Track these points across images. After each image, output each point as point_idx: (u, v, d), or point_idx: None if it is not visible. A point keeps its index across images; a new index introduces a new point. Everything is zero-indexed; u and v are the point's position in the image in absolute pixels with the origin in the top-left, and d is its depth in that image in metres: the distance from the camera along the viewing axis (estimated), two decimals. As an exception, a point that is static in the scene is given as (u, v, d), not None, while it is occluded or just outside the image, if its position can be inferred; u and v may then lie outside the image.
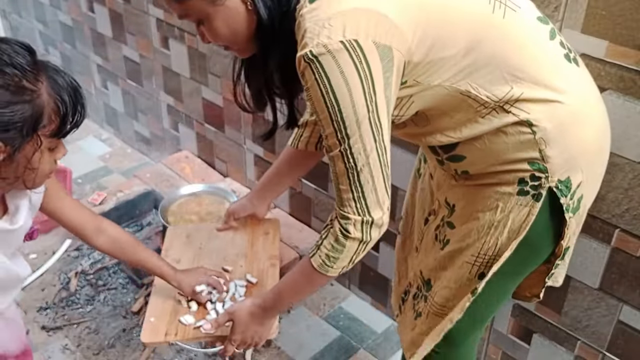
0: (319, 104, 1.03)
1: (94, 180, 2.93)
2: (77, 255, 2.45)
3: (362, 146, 1.04)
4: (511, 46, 1.08)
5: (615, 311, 1.56)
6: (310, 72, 1.00)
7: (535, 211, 1.14)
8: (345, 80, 0.99)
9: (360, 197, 1.09)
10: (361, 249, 1.16)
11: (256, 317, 1.35)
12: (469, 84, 1.07)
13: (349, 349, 2.09)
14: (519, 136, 1.09)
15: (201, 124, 2.60)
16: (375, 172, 1.07)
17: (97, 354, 2.05)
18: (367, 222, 1.11)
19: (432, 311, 1.30)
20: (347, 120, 1.02)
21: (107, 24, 2.83)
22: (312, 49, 0.98)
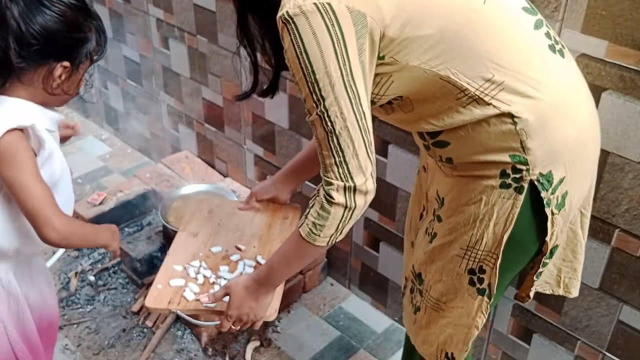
0: (294, 65, 1.06)
1: (94, 180, 2.93)
2: (77, 255, 2.45)
3: (338, 109, 1.06)
4: (491, 32, 1.08)
5: (615, 311, 1.56)
6: (286, 32, 1.04)
7: (518, 204, 1.14)
8: (317, 42, 1.02)
9: (342, 162, 1.09)
10: (347, 216, 1.14)
11: (251, 292, 1.33)
12: (449, 69, 1.08)
13: (349, 349, 2.09)
14: (500, 126, 1.10)
15: (201, 124, 2.60)
16: (355, 136, 1.08)
17: (97, 354, 2.05)
18: (349, 187, 1.11)
19: (429, 305, 1.31)
20: (320, 82, 1.04)
21: (107, 24, 2.83)
22: (288, 10, 1.02)
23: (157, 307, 1.47)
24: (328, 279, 2.36)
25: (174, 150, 2.84)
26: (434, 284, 1.28)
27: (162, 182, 2.58)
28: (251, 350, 2.04)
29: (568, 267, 1.35)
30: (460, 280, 1.24)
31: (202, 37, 2.35)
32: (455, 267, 1.23)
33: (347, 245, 2.23)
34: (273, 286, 1.35)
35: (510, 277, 1.29)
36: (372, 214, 2.06)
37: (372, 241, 2.13)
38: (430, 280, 1.29)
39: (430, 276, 1.29)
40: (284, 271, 1.31)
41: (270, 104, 2.21)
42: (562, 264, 1.35)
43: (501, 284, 1.26)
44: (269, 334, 2.12)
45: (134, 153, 3.13)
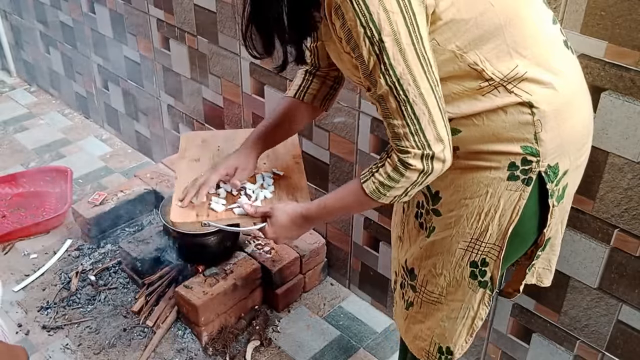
0: (358, 37, 1.01)
1: (94, 180, 2.94)
2: (77, 255, 2.45)
3: (411, 77, 1.03)
4: (519, 21, 1.09)
5: (614, 311, 1.57)
6: (348, 3, 0.99)
7: (525, 195, 1.14)
8: (385, 8, 0.98)
9: (417, 130, 1.06)
10: (420, 181, 1.12)
11: (295, 223, 1.33)
12: (478, 55, 1.07)
13: (349, 348, 2.09)
14: (518, 116, 1.10)
15: (201, 124, 2.60)
16: (431, 103, 1.05)
17: (98, 353, 2.05)
18: (427, 155, 1.08)
19: (426, 300, 1.31)
20: (390, 51, 1.01)
21: (108, 25, 2.83)
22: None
23: (185, 221, 1.42)
24: (328, 279, 2.37)
25: (174, 150, 2.84)
26: (431, 278, 1.28)
27: (162, 182, 2.58)
28: (251, 349, 2.04)
29: (544, 259, 1.36)
30: (461, 273, 1.24)
31: (203, 38, 2.35)
32: (458, 260, 1.23)
33: (347, 245, 2.23)
34: (319, 223, 1.36)
35: (505, 269, 1.30)
36: (372, 214, 2.07)
37: (372, 241, 2.14)
38: (426, 275, 1.29)
39: (426, 271, 1.29)
40: (339, 214, 1.30)
41: (270, 103, 2.22)
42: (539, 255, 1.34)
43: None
44: (269, 333, 2.12)
45: (135, 153, 3.13)
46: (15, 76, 3.88)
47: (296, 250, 2.22)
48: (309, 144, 2.14)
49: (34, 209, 2.70)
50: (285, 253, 2.20)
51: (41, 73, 3.63)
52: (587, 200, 1.48)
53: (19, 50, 3.74)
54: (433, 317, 1.31)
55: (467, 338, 1.31)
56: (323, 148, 2.11)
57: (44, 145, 3.19)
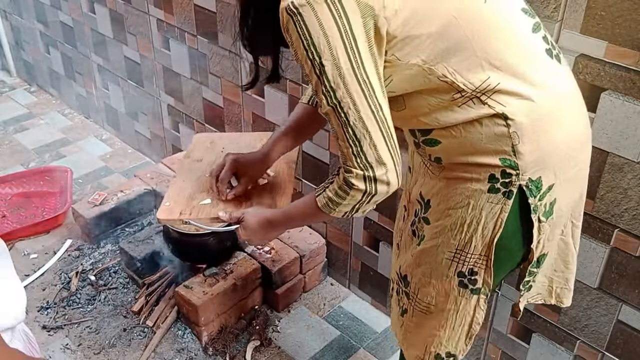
0: (302, 57, 1.04)
1: (94, 180, 2.94)
2: (77, 255, 2.45)
3: (350, 101, 1.04)
4: (489, 32, 1.07)
5: (614, 311, 1.57)
6: (291, 24, 1.01)
7: (507, 208, 1.13)
8: (325, 33, 1.00)
9: (359, 152, 1.08)
10: (365, 200, 1.13)
11: (262, 228, 1.40)
12: (446, 68, 1.06)
13: (349, 348, 2.09)
14: (493, 128, 1.09)
15: (202, 124, 2.61)
16: (372, 128, 1.06)
17: (98, 353, 2.05)
18: (369, 177, 1.10)
19: (418, 309, 1.31)
20: (329, 74, 1.03)
21: (108, 25, 2.83)
22: (293, 1, 1.00)
23: (168, 219, 1.53)
24: (328, 279, 2.37)
25: (175, 150, 2.84)
26: (421, 286, 1.28)
27: (162, 182, 2.58)
28: (251, 349, 2.04)
29: (560, 278, 1.35)
30: (449, 282, 1.23)
31: (203, 38, 2.35)
32: (445, 270, 1.23)
33: (347, 245, 2.23)
34: (283, 230, 1.43)
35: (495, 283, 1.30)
36: (372, 214, 2.07)
37: (372, 241, 2.14)
38: (417, 283, 1.29)
39: (417, 279, 1.28)
40: (299, 222, 1.41)
41: (270, 104, 2.22)
42: (554, 274, 1.34)
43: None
44: (269, 333, 2.12)
45: (135, 153, 3.13)
46: (15, 76, 3.88)
47: (296, 250, 2.22)
48: (309, 144, 2.14)
49: (34, 209, 2.70)
50: (285, 253, 2.20)
51: (41, 73, 3.64)
52: (587, 200, 1.48)
53: (19, 50, 3.74)
54: (425, 326, 1.31)
55: (467, 341, 1.31)
56: (323, 148, 2.11)
57: (44, 145, 3.19)
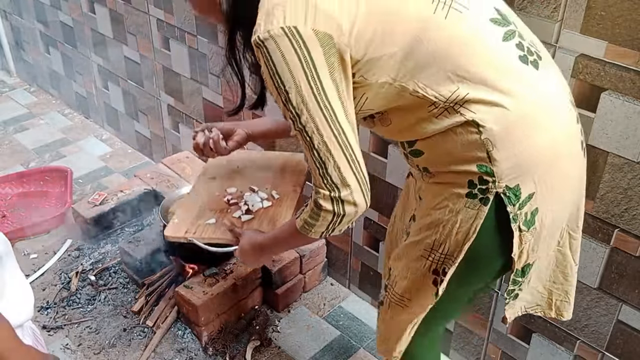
0: (270, 85, 1.12)
1: (94, 180, 2.94)
2: (77, 255, 2.45)
3: (314, 126, 1.10)
4: (454, 46, 1.09)
5: (614, 311, 1.57)
6: (260, 55, 1.09)
7: (482, 215, 1.13)
8: (287, 64, 1.07)
9: (324, 173, 1.13)
10: (336, 221, 1.18)
11: (256, 251, 1.46)
12: (416, 84, 1.10)
13: (349, 348, 2.09)
14: (467, 135, 1.11)
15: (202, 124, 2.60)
16: (335, 151, 1.11)
17: (98, 353, 2.05)
18: (335, 197, 1.14)
19: (393, 300, 1.32)
20: (294, 101, 1.10)
21: (108, 25, 2.83)
22: (259, 35, 1.07)
23: (174, 236, 1.64)
24: (328, 279, 2.37)
25: (175, 150, 2.84)
26: (399, 280, 1.30)
27: (162, 182, 2.58)
28: (251, 349, 2.04)
29: (559, 290, 1.35)
30: (424, 279, 1.25)
31: (203, 38, 2.35)
32: (420, 266, 1.24)
33: (347, 245, 2.23)
34: (275, 254, 1.52)
35: (470, 289, 1.32)
36: (372, 214, 2.07)
37: (372, 241, 2.14)
38: (396, 276, 1.31)
39: (397, 272, 1.30)
40: (284, 248, 1.47)
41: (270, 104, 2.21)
42: (553, 286, 1.34)
43: (460, 294, 1.28)
44: (269, 333, 2.12)
45: (135, 153, 3.13)
46: (15, 76, 3.88)
47: (296, 250, 2.22)
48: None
49: (34, 209, 2.70)
50: (285, 253, 2.20)
51: (41, 73, 3.64)
52: (587, 200, 1.47)
53: (19, 50, 3.74)
54: (399, 318, 1.32)
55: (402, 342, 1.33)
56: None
57: (44, 145, 3.19)
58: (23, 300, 1.33)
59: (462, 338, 1.97)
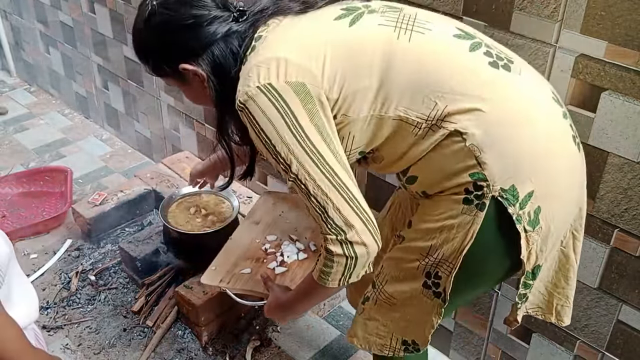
0: (258, 143, 1.18)
1: (94, 180, 2.94)
2: (77, 255, 2.45)
3: (305, 172, 1.14)
4: (424, 65, 1.14)
5: (614, 311, 1.57)
6: (244, 117, 1.16)
7: (479, 220, 1.14)
8: (268, 119, 1.13)
9: (327, 218, 1.15)
10: (351, 265, 1.18)
11: (279, 309, 1.48)
12: (397, 109, 1.14)
13: (349, 348, 2.09)
14: (452, 146, 1.13)
15: (202, 124, 2.61)
16: (331, 193, 1.14)
17: (98, 353, 2.06)
18: (342, 240, 1.16)
19: (381, 298, 1.32)
20: (281, 153, 1.14)
21: (108, 25, 2.83)
22: (239, 99, 1.15)
23: (209, 284, 1.71)
24: (328, 279, 2.37)
25: (175, 150, 2.85)
26: (390, 279, 1.30)
27: (162, 182, 2.58)
28: (251, 350, 2.04)
29: (560, 294, 1.35)
30: (416, 281, 1.25)
31: (203, 38, 2.35)
32: (413, 269, 1.25)
33: (347, 245, 2.23)
34: (297, 312, 1.50)
35: (473, 292, 1.33)
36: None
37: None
38: (386, 275, 1.31)
39: (388, 271, 1.31)
40: (305, 304, 1.42)
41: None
42: (555, 289, 1.34)
43: (461, 296, 1.27)
44: (269, 333, 2.12)
45: (135, 153, 3.13)
46: (15, 76, 3.88)
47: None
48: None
49: (34, 209, 2.70)
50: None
51: (41, 73, 3.64)
52: (587, 200, 1.48)
53: (19, 50, 3.74)
54: (388, 315, 1.32)
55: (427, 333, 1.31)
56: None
57: (44, 145, 3.19)
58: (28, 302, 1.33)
59: (462, 338, 1.97)
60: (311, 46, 1.16)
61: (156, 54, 1.28)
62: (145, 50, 1.30)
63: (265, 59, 1.15)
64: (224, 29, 1.22)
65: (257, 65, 1.15)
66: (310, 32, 1.19)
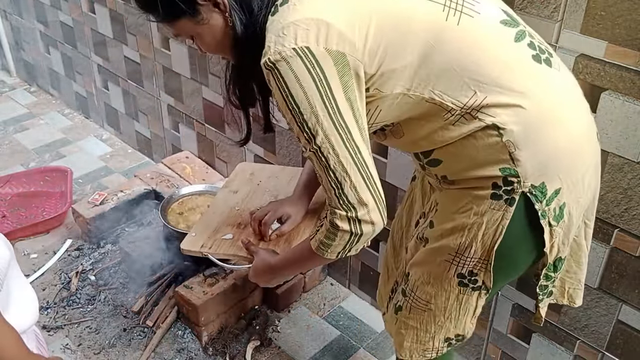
0: (283, 107, 1.10)
1: (94, 180, 2.94)
2: (77, 255, 2.45)
3: (329, 145, 1.09)
4: (469, 52, 1.09)
5: (614, 311, 1.57)
6: (271, 77, 1.07)
7: (508, 215, 1.13)
8: (301, 85, 1.05)
9: (341, 193, 1.13)
10: (354, 240, 1.18)
11: (267, 273, 1.46)
12: (432, 92, 1.10)
13: (349, 348, 2.09)
14: (487, 139, 1.11)
15: (201, 124, 2.61)
16: (351, 170, 1.11)
17: (98, 353, 2.06)
18: (352, 217, 1.14)
19: (416, 306, 1.31)
20: (309, 122, 1.08)
21: (108, 25, 2.83)
22: (269, 57, 1.05)
23: (190, 250, 1.65)
24: (328, 279, 2.37)
25: (175, 150, 2.85)
26: (420, 285, 1.29)
27: (162, 182, 2.58)
28: (251, 349, 2.04)
29: (572, 279, 1.35)
30: (449, 283, 1.24)
31: (203, 38, 2.35)
32: (444, 271, 1.23)
33: (347, 245, 2.23)
34: (287, 275, 1.49)
35: (507, 280, 1.31)
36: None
37: (372, 241, 2.12)
38: (416, 281, 1.29)
39: (417, 277, 1.29)
40: (296, 269, 1.42)
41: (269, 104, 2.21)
42: (567, 274, 1.34)
43: (497, 285, 1.26)
44: (269, 333, 2.12)
45: (135, 153, 3.13)
46: (15, 76, 3.88)
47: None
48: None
49: (34, 209, 2.70)
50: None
51: (41, 73, 3.64)
52: (587, 200, 1.48)
53: (19, 50, 3.74)
54: (427, 320, 1.31)
55: (472, 321, 1.31)
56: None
57: (44, 145, 3.19)
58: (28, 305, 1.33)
59: (462, 338, 1.97)
60: (356, 13, 1.07)
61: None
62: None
63: (304, 18, 1.05)
64: None
65: (294, 24, 1.04)
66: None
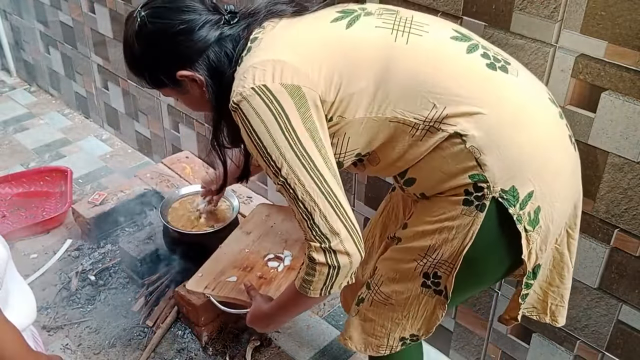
0: (249, 144, 1.16)
1: (94, 180, 2.94)
2: (77, 255, 2.45)
3: (295, 177, 1.13)
4: (422, 67, 1.13)
5: (614, 311, 1.57)
6: (237, 118, 1.15)
7: (479, 221, 1.14)
8: (262, 120, 1.12)
9: (312, 224, 1.14)
10: (333, 274, 1.18)
11: (261, 319, 1.47)
12: (394, 111, 1.14)
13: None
14: (452, 148, 1.13)
15: (201, 124, 2.61)
16: (319, 200, 1.13)
17: (98, 353, 2.06)
18: (326, 248, 1.15)
19: (377, 299, 1.32)
20: (272, 155, 1.13)
21: (108, 25, 2.83)
22: (233, 98, 1.14)
23: (194, 290, 1.74)
24: (328, 279, 2.37)
25: (175, 150, 2.85)
26: (386, 280, 1.30)
27: (162, 182, 2.58)
28: (251, 349, 2.04)
29: (555, 294, 1.35)
30: (413, 282, 1.25)
31: (203, 38, 2.35)
32: (410, 269, 1.25)
33: (347, 245, 2.23)
34: (280, 322, 1.50)
35: (474, 290, 1.34)
36: (371, 214, 2.06)
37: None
38: (382, 276, 1.31)
39: (384, 272, 1.31)
40: (288, 314, 1.42)
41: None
42: (549, 288, 1.34)
43: (462, 294, 1.28)
44: (269, 333, 2.12)
45: (135, 153, 3.13)
46: (15, 76, 3.88)
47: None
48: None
49: (34, 209, 2.70)
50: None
51: (41, 73, 3.64)
52: (587, 200, 1.48)
53: (19, 50, 3.74)
54: (386, 315, 1.32)
55: (429, 329, 1.31)
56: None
57: (44, 145, 3.19)
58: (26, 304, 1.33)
59: (462, 338, 1.97)
60: (308, 48, 1.15)
61: (152, 65, 1.26)
62: (140, 65, 1.27)
63: (260, 61, 1.14)
64: (216, 32, 1.21)
65: (252, 67, 1.13)
66: (306, 34, 1.19)
